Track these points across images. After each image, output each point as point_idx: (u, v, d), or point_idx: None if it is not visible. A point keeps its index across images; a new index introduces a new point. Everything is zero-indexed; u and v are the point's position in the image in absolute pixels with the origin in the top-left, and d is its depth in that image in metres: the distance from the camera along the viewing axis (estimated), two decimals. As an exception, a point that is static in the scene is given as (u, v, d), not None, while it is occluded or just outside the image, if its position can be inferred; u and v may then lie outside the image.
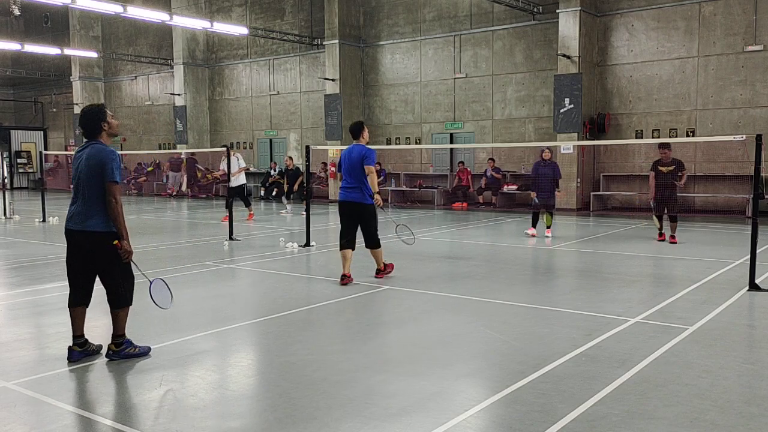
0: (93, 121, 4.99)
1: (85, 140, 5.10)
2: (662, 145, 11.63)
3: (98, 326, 5.91)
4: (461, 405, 4.11)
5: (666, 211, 11.67)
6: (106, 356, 5.12)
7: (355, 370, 4.81)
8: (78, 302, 5.12)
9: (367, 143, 8.17)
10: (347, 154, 8.04)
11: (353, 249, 8.07)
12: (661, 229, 11.92)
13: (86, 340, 5.17)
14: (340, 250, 8.07)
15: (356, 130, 8.14)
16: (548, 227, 12.87)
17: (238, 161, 15.74)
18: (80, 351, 5.08)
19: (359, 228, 8.13)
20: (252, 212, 16.32)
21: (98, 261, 4.99)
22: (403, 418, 3.90)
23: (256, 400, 4.35)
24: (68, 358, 5.04)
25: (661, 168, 11.53)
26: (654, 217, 12.06)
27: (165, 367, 4.93)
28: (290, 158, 19.34)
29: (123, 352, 5.08)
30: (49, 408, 4.13)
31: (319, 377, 4.65)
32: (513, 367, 4.82)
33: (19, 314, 6.71)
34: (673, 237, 11.66)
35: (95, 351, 5.20)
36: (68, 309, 5.13)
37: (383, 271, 8.36)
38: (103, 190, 4.85)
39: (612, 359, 4.96)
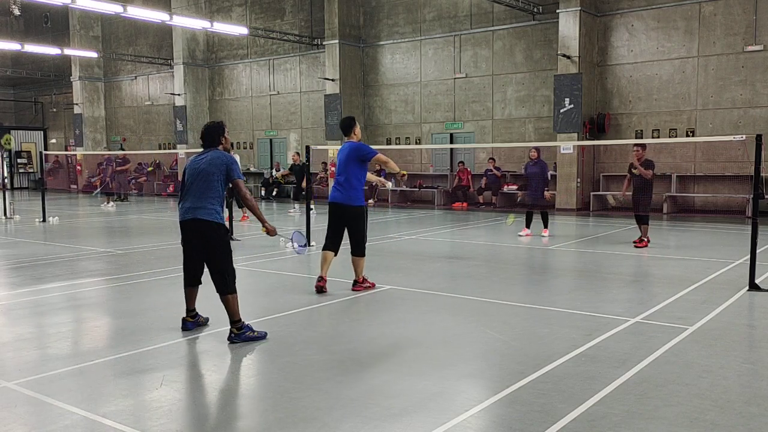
0: (214, 134, 5.76)
1: (202, 149, 5.81)
2: (636, 145, 11.29)
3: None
4: (462, 405, 4.11)
5: (638, 212, 11.21)
6: (228, 339, 5.53)
7: (355, 370, 4.82)
8: (189, 284, 5.84)
9: (359, 140, 7.58)
10: (340, 152, 7.50)
11: (335, 253, 7.55)
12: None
13: (197, 312, 5.95)
14: (322, 250, 7.59)
15: (347, 127, 7.50)
16: (532, 226, 12.84)
17: None
18: (192, 321, 5.90)
19: (346, 232, 7.51)
20: (246, 214, 16.13)
21: (207, 249, 5.58)
22: (403, 418, 3.90)
23: (256, 400, 4.35)
24: (182, 328, 5.83)
25: (633, 171, 11.19)
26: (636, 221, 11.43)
27: (165, 367, 4.93)
28: (297, 154, 19.33)
29: (243, 335, 5.53)
30: (49, 408, 4.13)
31: (320, 377, 4.65)
32: (513, 367, 4.83)
33: (20, 314, 6.71)
34: (642, 240, 11.12)
35: (203, 323, 5.99)
36: (183, 288, 5.86)
37: (361, 284, 7.61)
38: (217, 186, 5.54)
39: (612, 359, 4.96)
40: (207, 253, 5.59)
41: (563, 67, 17.78)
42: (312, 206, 18.19)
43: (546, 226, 12.83)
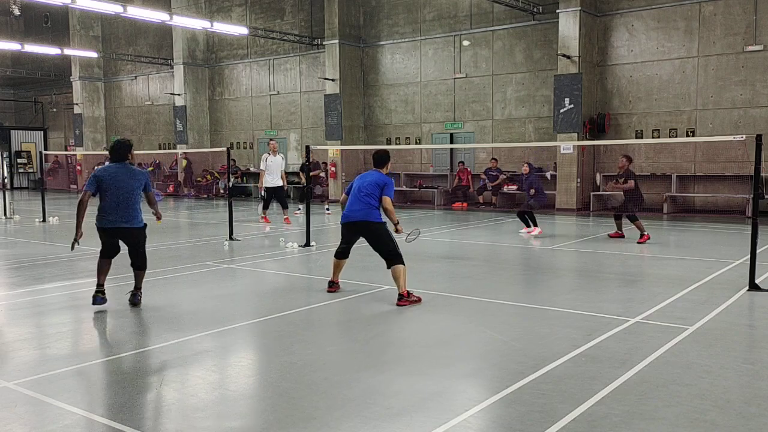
0: (125, 150, 6.90)
1: (112, 161, 6.88)
2: (624, 155, 12.22)
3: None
4: (461, 405, 4.11)
5: (626, 212, 12.19)
6: (129, 300, 6.88)
7: (355, 370, 4.81)
8: (108, 257, 7.00)
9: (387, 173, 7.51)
10: (360, 178, 7.45)
11: (346, 259, 7.60)
12: (618, 228, 12.39)
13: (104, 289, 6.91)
14: (334, 257, 7.61)
15: (383, 161, 7.44)
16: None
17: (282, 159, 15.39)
18: (102, 296, 6.79)
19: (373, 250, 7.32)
20: (264, 214, 15.62)
21: (134, 244, 6.88)
22: (403, 418, 3.90)
23: (256, 400, 4.35)
24: (93, 303, 6.75)
25: (613, 185, 12.36)
26: (614, 217, 12.65)
27: (165, 367, 4.93)
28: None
29: (138, 297, 6.91)
30: (49, 408, 4.13)
31: (320, 377, 4.65)
32: (513, 367, 4.82)
33: (20, 314, 6.71)
34: (642, 236, 11.65)
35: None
36: (99, 260, 6.99)
37: (406, 298, 6.98)
38: (138, 197, 6.83)
39: (612, 359, 4.96)
40: (133, 247, 6.92)
41: (563, 67, 17.77)
42: (302, 205, 18.11)
43: (535, 225, 13.06)
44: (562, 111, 17.85)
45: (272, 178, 15.06)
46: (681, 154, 17.52)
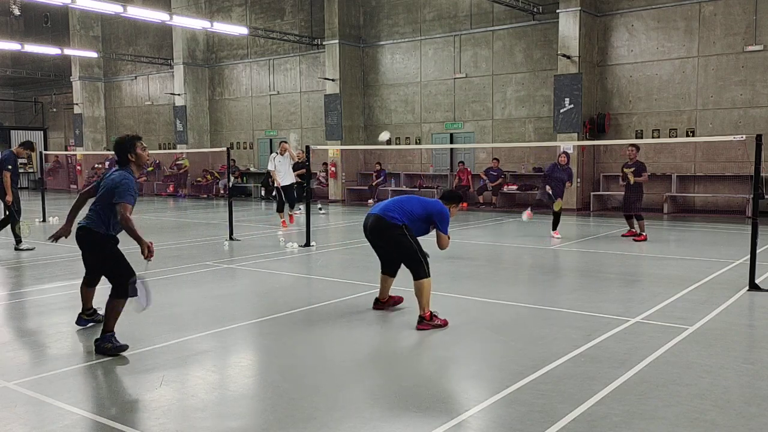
0: (123, 151, 5.45)
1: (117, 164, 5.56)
2: (631, 145, 12.16)
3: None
4: (461, 405, 4.11)
5: (632, 212, 12.21)
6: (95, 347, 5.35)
7: (355, 371, 4.82)
8: (85, 284, 5.92)
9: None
10: (419, 199, 6.37)
11: (393, 276, 6.58)
12: (631, 227, 12.46)
13: (94, 310, 6.01)
14: (381, 273, 6.64)
15: (448, 197, 6.52)
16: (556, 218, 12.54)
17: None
18: (87, 319, 5.96)
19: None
20: (284, 219, 15.10)
21: (93, 256, 5.60)
22: (403, 419, 3.90)
23: (256, 400, 4.35)
24: (76, 322, 5.95)
25: (625, 170, 12.07)
26: (625, 217, 12.71)
27: (165, 367, 4.93)
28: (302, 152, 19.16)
29: (101, 346, 5.22)
30: (49, 408, 4.13)
31: (319, 378, 4.65)
32: (513, 367, 4.82)
33: (19, 314, 6.71)
34: (641, 234, 11.84)
35: (101, 321, 5.67)
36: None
37: (428, 321, 5.91)
38: (107, 207, 5.44)
39: (612, 359, 4.96)
40: (95, 259, 5.56)
41: (563, 67, 17.77)
42: (321, 206, 18.00)
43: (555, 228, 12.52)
44: (562, 111, 17.85)
45: (282, 177, 15.15)
46: (681, 154, 17.52)
